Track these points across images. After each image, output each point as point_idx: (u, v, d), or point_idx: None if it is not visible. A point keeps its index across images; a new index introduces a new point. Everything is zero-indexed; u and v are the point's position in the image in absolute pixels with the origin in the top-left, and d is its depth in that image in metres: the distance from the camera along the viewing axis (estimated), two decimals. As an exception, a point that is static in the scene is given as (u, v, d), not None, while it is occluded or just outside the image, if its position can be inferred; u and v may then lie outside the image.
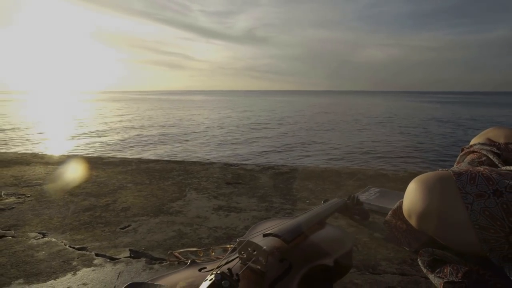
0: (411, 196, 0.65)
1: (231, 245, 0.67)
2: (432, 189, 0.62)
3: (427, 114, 19.75)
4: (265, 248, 0.48)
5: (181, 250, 0.71)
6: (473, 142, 0.95)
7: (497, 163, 0.77)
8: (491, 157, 0.80)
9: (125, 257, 0.72)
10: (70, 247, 0.76)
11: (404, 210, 0.68)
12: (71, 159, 1.76)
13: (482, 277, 0.56)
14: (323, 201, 0.87)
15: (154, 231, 0.85)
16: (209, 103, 35.16)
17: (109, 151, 7.75)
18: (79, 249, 0.75)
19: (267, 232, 0.55)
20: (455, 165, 0.90)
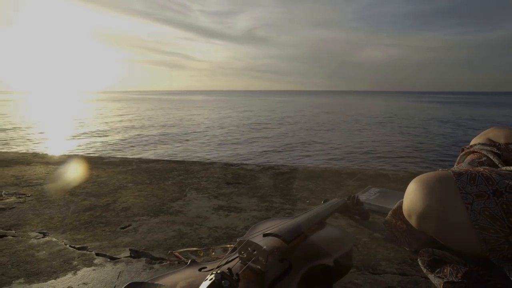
0: (411, 196, 0.65)
1: (231, 245, 0.67)
2: (432, 189, 0.62)
3: (427, 114, 19.74)
4: (265, 248, 0.48)
5: (181, 250, 0.71)
6: (473, 142, 0.95)
7: (497, 164, 0.77)
8: (491, 157, 0.80)
9: (126, 257, 0.72)
10: (70, 246, 0.77)
11: (404, 210, 0.68)
12: (72, 159, 1.76)
13: (482, 277, 0.56)
14: (323, 201, 0.87)
15: (154, 231, 0.85)
16: (209, 103, 35.16)
17: (110, 151, 7.75)
18: (79, 249, 0.75)
19: (267, 232, 0.55)
20: (455, 165, 0.90)
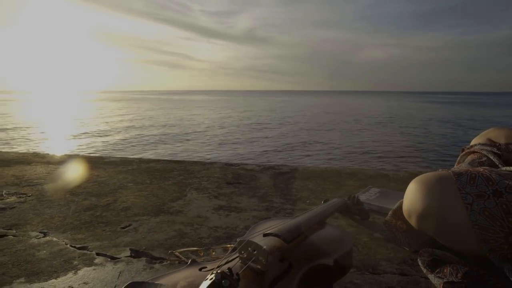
0: (411, 196, 0.65)
1: (232, 245, 0.67)
2: (432, 189, 0.62)
3: (428, 114, 19.73)
4: (265, 247, 0.48)
5: (182, 249, 0.71)
6: (473, 142, 0.95)
7: (498, 164, 0.77)
8: (492, 157, 0.80)
9: (126, 257, 0.72)
10: (71, 246, 0.77)
11: (404, 210, 0.68)
12: (72, 158, 1.77)
13: (482, 277, 0.56)
14: (323, 201, 0.87)
15: (154, 231, 0.85)
16: (209, 103, 35.16)
17: (110, 151, 7.76)
18: (80, 249, 0.76)
19: (267, 232, 0.55)
20: (455, 165, 0.90)
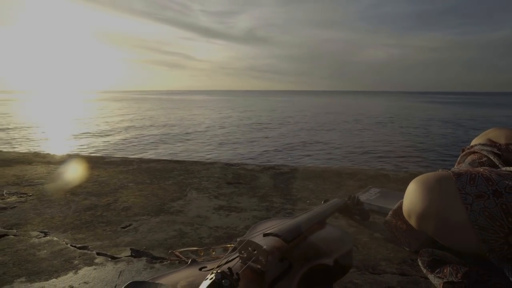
0: (411, 196, 0.65)
1: (232, 245, 0.67)
2: (431, 190, 0.62)
3: (428, 114, 19.72)
4: (265, 247, 0.48)
5: (182, 249, 0.71)
6: (473, 142, 0.95)
7: (498, 164, 0.77)
8: (492, 158, 0.80)
9: (126, 256, 0.72)
10: (71, 246, 0.77)
11: (404, 210, 0.68)
12: (73, 158, 1.77)
13: (481, 278, 0.56)
14: (323, 201, 0.87)
15: (155, 231, 0.85)
16: (210, 103, 35.16)
17: (111, 151, 7.76)
18: (80, 248, 0.76)
19: (267, 231, 0.55)
20: (455, 166, 0.90)
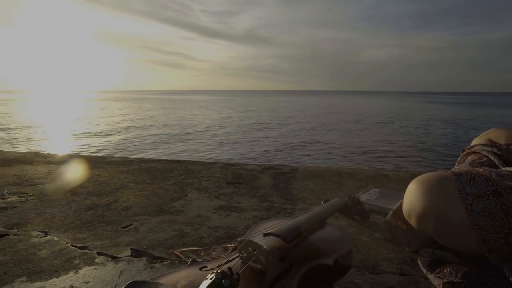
0: (411, 196, 0.65)
1: (232, 245, 0.68)
2: (431, 190, 0.62)
3: (429, 114, 19.71)
4: (266, 247, 0.48)
5: (182, 249, 0.71)
6: (474, 142, 0.95)
7: (498, 164, 0.77)
8: (492, 158, 0.80)
9: (127, 256, 0.72)
10: (72, 245, 0.77)
11: (404, 210, 0.68)
12: (73, 158, 1.77)
13: (481, 278, 0.56)
14: (323, 201, 0.87)
15: (155, 230, 0.85)
16: (210, 103, 35.16)
17: (111, 151, 7.77)
18: (81, 248, 0.76)
19: (267, 231, 0.55)
20: (456, 166, 0.90)
